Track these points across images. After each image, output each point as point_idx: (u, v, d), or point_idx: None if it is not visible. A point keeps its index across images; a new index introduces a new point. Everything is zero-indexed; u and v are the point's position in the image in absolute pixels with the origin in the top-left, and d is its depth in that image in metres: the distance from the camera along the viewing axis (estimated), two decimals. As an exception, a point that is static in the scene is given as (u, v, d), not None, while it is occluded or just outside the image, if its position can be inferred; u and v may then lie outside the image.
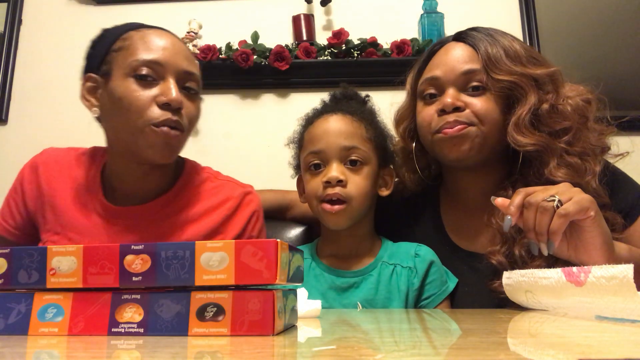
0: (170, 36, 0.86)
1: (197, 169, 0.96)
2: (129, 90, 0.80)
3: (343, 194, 0.85)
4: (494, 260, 0.83)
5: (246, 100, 1.71)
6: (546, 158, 0.83)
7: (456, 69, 0.88)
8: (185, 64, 0.84)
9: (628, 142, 0.90)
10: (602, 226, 0.71)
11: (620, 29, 1.67)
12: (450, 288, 0.89)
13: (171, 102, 0.80)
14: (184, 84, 0.84)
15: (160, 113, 0.80)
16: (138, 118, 0.79)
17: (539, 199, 0.70)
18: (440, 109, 0.88)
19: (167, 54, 0.82)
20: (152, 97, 0.80)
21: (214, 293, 0.45)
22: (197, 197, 0.91)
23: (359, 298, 0.86)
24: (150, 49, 0.82)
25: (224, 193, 0.92)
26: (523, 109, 0.84)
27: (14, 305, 0.48)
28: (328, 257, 0.93)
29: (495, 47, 0.87)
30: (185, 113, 0.83)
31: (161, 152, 0.81)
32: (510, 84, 0.85)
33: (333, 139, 0.87)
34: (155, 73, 0.81)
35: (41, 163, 0.92)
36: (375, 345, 0.44)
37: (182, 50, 0.86)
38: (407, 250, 0.90)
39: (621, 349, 0.38)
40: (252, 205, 0.93)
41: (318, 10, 1.74)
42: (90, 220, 0.87)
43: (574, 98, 0.86)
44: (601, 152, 0.88)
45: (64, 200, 0.89)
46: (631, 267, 0.51)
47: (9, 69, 1.75)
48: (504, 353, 0.39)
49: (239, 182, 0.96)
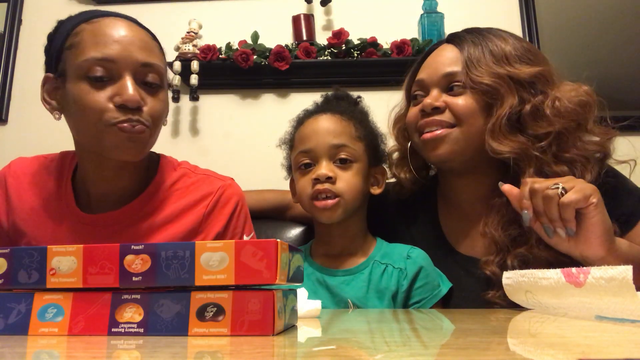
0: (124, 25, 0.78)
1: (174, 165, 0.92)
2: (83, 93, 0.75)
3: (333, 190, 0.86)
4: (487, 271, 0.83)
5: (246, 100, 1.71)
6: (523, 166, 0.82)
7: (439, 71, 0.89)
8: (142, 55, 0.77)
9: (627, 143, 0.89)
10: (604, 215, 0.71)
11: (620, 29, 1.67)
12: (443, 292, 0.88)
13: (127, 102, 0.74)
14: (143, 79, 0.78)
15: (118, 114, 0.75)
16: (97, 121, 0.75)
17: (543, 186, 0.71)
18: (421, 109, 0.89)
19: (120, 48, 0.75)
20: (109, 98, 0.75)
21: (214, 293, 0.45)
22: (175, 195, 0.87)
23: (350, 296, 0.86)
24: (101, 45, 0.75)
25: (202, 189, 0.88)
26: (499, 113, 0.83)
27: (14, 305, 0.48)
28: (320, 256, 0.94)
29: (479, 48, 0.88)
30: (148, 110, 0.78)
31: (127, 150, 0.77)
32: (487, 87, 0.84)
33: (322, 138, 0.88)
34: (108, 72, 0.75)
35: (9, 175, 0.88)
36: (375, 345, 0.44)
37: (139, 39, 0.78)
38: (401, 251, 0.90)
39: (621, 349, 0.38)
40: (233, 198, 0.89)
41: (318, 10, 1.74)
42: (64, 231, 0.84)
43: (569, 99, 0.83)
44: (601, 159, 0.85)
45: (35, 211, 0.85)
46: (630, 268, 0.51)
47: (9, 69, 1.75)
48: (504, 353, 0.39)
49: (218, 175, 0.92)
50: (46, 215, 0.85)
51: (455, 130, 0.86)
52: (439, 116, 0.87)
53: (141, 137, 0.77)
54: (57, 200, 0.86)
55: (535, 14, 1.69)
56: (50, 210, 0.85)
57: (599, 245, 0.71)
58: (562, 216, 0.70)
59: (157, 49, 0.83)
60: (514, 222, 0.82)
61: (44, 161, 0.91)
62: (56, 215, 0.85)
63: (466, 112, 0.86)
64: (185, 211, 0.86)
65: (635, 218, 0.86)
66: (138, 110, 0.76)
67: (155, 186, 0.87)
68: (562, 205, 0.70)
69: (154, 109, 0.79)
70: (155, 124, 0.80)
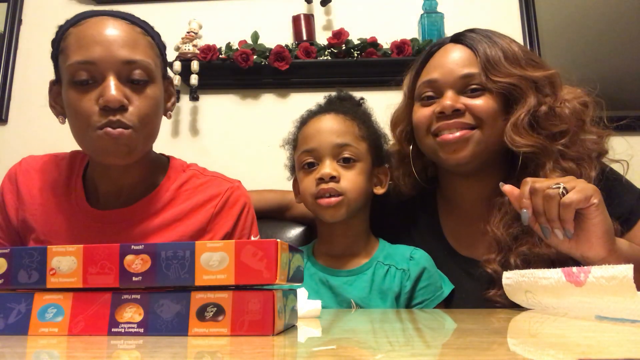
0: (109, 24, 0.77)
1: (183, 167, 0.93)
2: (71, 99, 0.76)
3: (337, 189, 0.86)
4: (489, 269, 0.83)
5: (246, 100, 1.71)
6: (542, 160, 0.83)
7: (455, 72, 0.88)
8: (123, 53, 0.76)
9: (624, 143, 0.90)
10: (605, 215, 0.71)
11: (620, 29, 1.67)
12: (445, 294, 0.88)
13: (107, 103, 0.74)
14: (129, 76, 0.77)
15: (101, 117, 0.74)
16: (85, 126, 0.75)
17: (544, 185, 0.71)
18: (439, 112, 0.87)
19: (100, 49, 0.75)
20: (94, 100, 0.75)
21: (214, 293, 0.45)
22: (183, 195, 0.88)
23: (353, 297, 0.86)
24: (83, 48, 0.75)
25: (210, 190, 0.89)
26: (522, 111, 0.83)
27: (14, 305, 0.48)
28: (323, 256, 0.94)
29: (494, 49, 0.87)
30: (133, 110, 0.76)
31: (114, 154, 0.77)
32: (510, 85, 0.84)
33: (325, 137, 0.88)
34: (91, 75, 0.75)
35: (20, 172, 0.90)
36: (375, 345, 0.44)
37: (120, 38, 0.77)
38: (403, 252, 0.90)
39: (621, 349, 0.38)
40: (241, 200, 0.90)
41: (318, 10, 1.74)
42: (73, 226, 0.85)
43: (572, 101, 0.86)
44: (598, 157, 0.87)
45: (45, 207, 0.86)
46: (631, 267, 0.51)
47: (9, 69, 1.75)
48: (504, 353, 0.39)
49: (226, 178, 0.93)
50: (56, 211, 0.86)
51: (476, 132, 0.86)
52: (460, 118, 0.86)
53: (125, 140, 0.76)
54: (66, 196, 0.87)
55: (535, 14, 1.68)
56: (60, 206, 0.86)
57: (600, 245, 0.71)
58: (561, 217, 0.70)
59: (144, 43, 0.80)
60: (516, 220, 0.82)
61: (55, 159, 0.92)
62: (66, 211, 0.86)
63: (488, 114, 0.85)
64: (193, 211, 0.87)
65: (635, 217, 0.86)
66: (122, 111, 0.75)
67: (164, 186, 0.88)
68: (562, 205, 0.69)
69: (139, 107, 0.77)
70: (143, 123, 0.78)
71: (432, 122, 0.89)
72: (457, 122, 0.86)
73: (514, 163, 0.87)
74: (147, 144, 0.83)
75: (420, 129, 0.92)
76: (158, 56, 0.84)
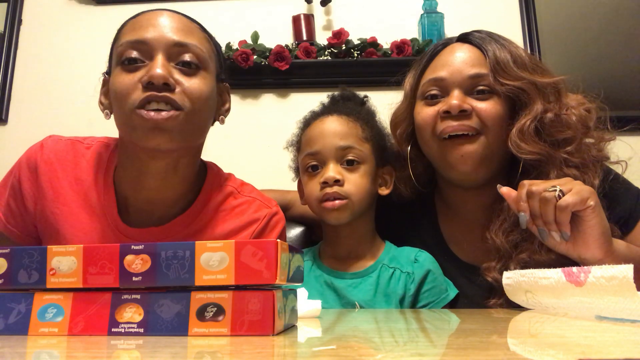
0: (165, 13, 0.77)
1: (220, 180, 0.87)
2: (117, 79, 0.73)
3: (341, 192, 0.85)
4: (489, 277, 0.82)
5: (246, 100, 1.71)
6: (546, 168, 0.81)
7: (463, 71, 0.85)
8: (176, 35, 0.74)
9: (626, 145, 0.90)
10: (602, 217, 0.71)
11: (620, 29, 1.67)
12: (450, 297, 0.88)
13: (151, 78, 0.70)
14: (179, 59, 0.74)
15: (142, 93, 0.71)
16: (124, 104, 0.71)
17: (540, 188, 0.71)
18: (445, 111, 0.84)
19: (153, 30, 0.73)
20: (138, 79, 0.72)
21: (214, 293, 0.45)
22: (220, 217, 0.83)
23: (358, 299, 0.86)
24: (136, 30, 0.74)
25: (249, 214, 0.85)
26: (528, 117, 0.81)
27: (14, 305, 0.48)
28: (328, 258, 0.93)
29: (503, 52, 0.85)
30: (184, 90, 0.73)
31: (152, 136, 0.71)
32: (518, 89, 0.82)
33: (329, 140, 0.87)
34: (141, 54, 0.73)
35: (42, 161, 0.82)
36: (375, 345, 0.44)
37: (175, 22, 0.76)
38: (408, 255, 0.90)
39: (621, 349, 0.38)
40: (278, 227, 0.87)
41: (318, 10, 1.74)
42: (100, 236, 0.78)
43: (577, 108, 0.84)
44: (600, 162, 0.85)
45: (68, 207, 0.80)
46: (631, 267, 0.51)
47: (9, 69, 1.75)
48: (504, 353, 0.39)
49: (264, 199, 0.88)
50: (84, 219, 0.80)
51: (482, 139, 0.83)
52: (465, 120, 0.83)
53: (167, 123, 0.71)
54: (96, 200, 0.81)
55: (535, 14, 1.69)
56: (87, 213, 0.80)
57: (597, 247, 0.71)
58: (557, 219, 0.70)
59: (199, 35, 0.78)
60: (515, 227, 0.81)
61: (81, 148, 0.85)
62: (94, 219, 0.80)
63: (494, 119, 0.83)
64: (229, 236, 0.82)
65: (634, 219, 0.86)
66: (167, 89, 0.71)
67: (200, 204, 0.83)
68: (559, 207, 0.69)
69: (191, 89, 0.73)
70: (194, 105, 0.74)
71: (436, 123, 0.86)
72: (463, 124, 0.83)
73: (515, 171, 0.86)
74: (195, 135, 0.78)
75: (424, 129, 0.89)
76: (213, 51, 0.81)
